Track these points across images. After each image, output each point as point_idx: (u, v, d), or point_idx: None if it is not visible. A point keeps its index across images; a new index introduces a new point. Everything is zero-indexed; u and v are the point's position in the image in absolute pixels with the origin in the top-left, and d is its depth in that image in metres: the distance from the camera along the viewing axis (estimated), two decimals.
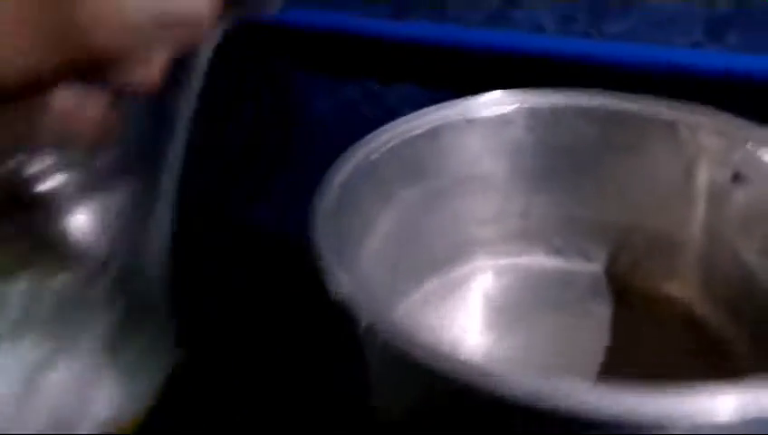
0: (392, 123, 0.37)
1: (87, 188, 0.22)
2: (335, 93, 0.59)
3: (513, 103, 0.40)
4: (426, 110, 0.38)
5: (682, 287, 0.40)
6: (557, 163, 0.41)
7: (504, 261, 0.44)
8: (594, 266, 0.43)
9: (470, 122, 0.39)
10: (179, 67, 0.18)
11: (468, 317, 0.41)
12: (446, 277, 0.43)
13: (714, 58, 0.48)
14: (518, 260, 0.44)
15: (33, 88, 0.14)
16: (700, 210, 0.38)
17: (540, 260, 0.44)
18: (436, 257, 0.43)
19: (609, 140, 0.40)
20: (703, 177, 0.37)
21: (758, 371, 0.35)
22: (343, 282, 0.25)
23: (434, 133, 0.39)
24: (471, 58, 0.53)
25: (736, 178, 0.35)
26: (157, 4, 0.15)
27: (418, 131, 0.38)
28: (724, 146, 0.36)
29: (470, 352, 0.39)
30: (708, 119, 0.37)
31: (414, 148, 0.38)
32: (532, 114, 0.40)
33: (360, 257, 0.34)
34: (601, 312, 0.40)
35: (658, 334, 0.39)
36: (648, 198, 0.40)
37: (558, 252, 0.44)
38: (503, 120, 0.40)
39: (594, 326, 0.39)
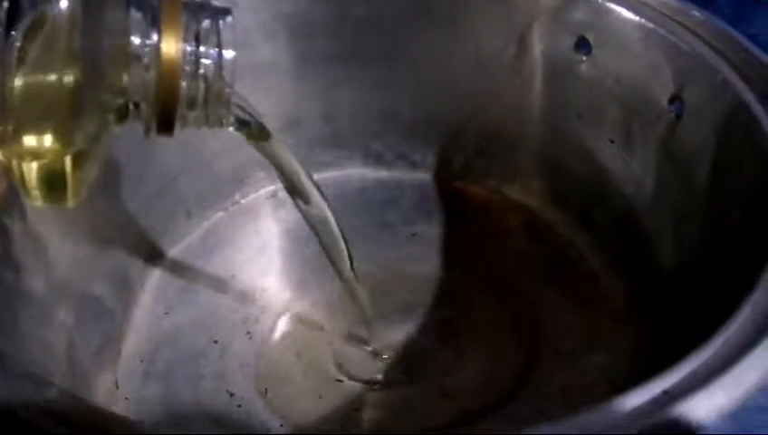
0: None
1: None
2: None
3: None
4: None
5: (523, 190, 0.34)
6: (359, 44, 0.32)
7: None
8: (420, 174, 0.35)
9: None
10: None
11: (264, 259, 0.32)
12: (234, 207, 0.34)
13: None
14: (327, 176, 0.35)
15: None
16: (537, 92, 0.31)
17: (354, 173, 0.36)
18: (218, 183, 0.34)
19: (423, 7, 0.31)
20: (539, 48, 0.29)
21: (611, 285, 0.31)
22: None
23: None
24: None
25: (580, 44, 0.27)
26: None
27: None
28: (563, 1, 0.27)
29: (266, 308, 0.30)
30: None
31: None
32: None
33: None
34: (431, 232, 0.33)
35: (499, 249, 0.32)
36: (477, 81, 0.32)
37: (377, 160, 0.36)
38: None
39: (423, 253, 0.32)
